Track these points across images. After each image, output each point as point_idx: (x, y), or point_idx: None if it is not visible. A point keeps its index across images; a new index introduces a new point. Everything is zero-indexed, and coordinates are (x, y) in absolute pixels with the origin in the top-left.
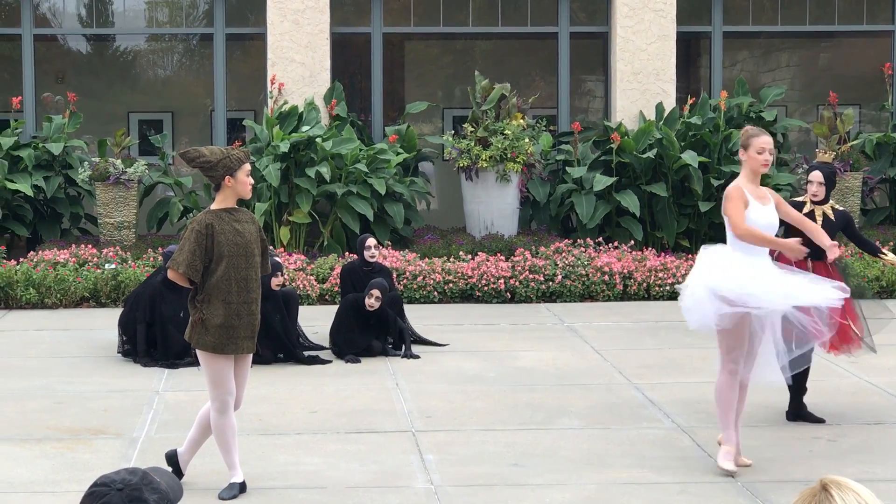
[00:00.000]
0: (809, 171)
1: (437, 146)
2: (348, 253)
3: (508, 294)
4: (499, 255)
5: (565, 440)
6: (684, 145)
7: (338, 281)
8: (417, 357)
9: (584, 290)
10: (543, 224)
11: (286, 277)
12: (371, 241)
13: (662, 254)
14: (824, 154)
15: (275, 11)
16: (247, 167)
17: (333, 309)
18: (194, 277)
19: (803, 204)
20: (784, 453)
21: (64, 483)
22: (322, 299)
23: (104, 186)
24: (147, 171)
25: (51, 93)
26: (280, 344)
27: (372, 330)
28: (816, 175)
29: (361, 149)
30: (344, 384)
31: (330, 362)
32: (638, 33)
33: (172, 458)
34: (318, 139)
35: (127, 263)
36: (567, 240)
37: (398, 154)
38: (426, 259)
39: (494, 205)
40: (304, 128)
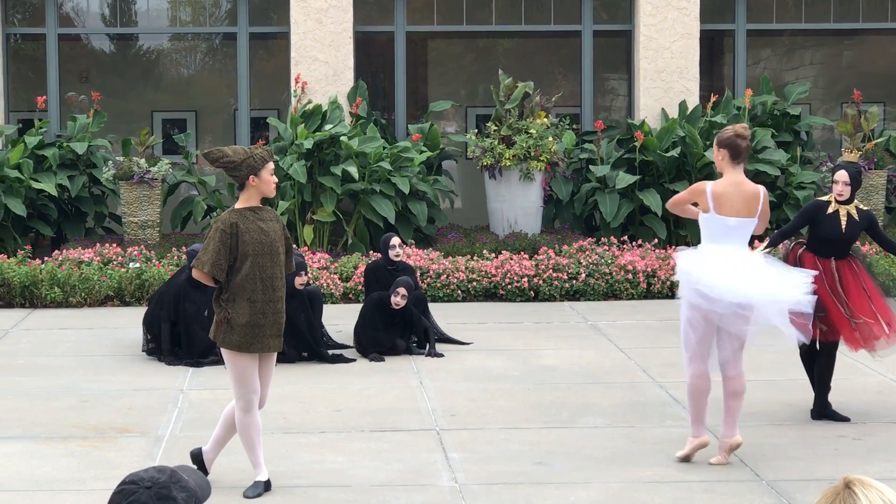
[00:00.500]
0: (835, 171)
1: (461, 145)
2: (372, 252)
3: (532, 293)
4: (522, 254)
5: (589, 438)
6: (708, 143)
7: (362, 280)
8: (441, 356)
9: (608, 289)
10: (567, 222)
11: (310, 276)
12: (395, 240)
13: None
14: (850, 153)
15: (298, 10)
16: (270, 166)
17: (357, 308)
18: (219, 276)
19: (828, 203)
20: (809, 452)
21: (89, 481)
22: (346, 298)
23: (128, 185)
24: (171, 170)
25: (75, 92)
26: (304, 343)
27: (396, 328)
28: (842, 175)
29: (385, 147)
30: (368, 383)
31: (354, 361)
32: (661, 31)
33: (197, 457)
34: (343, 138)
35: (151, 262)
36: (590, 238)
37: (422, 153)
38: (450, 258)
39: (518, 203)
40: (328, 126)
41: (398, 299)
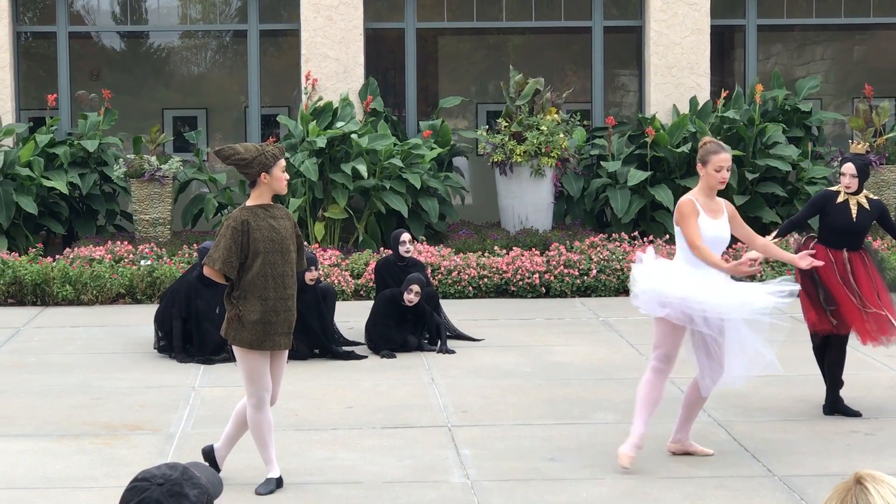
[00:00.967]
0: (842, 163)
1: (472, 141)
2: (383, 248)
3: (543, 289)
4: (533, 250)
5: (601, 434)
6: (719, 139)
7: (373, 276)
8: (453, 352)
9: (619, 285)
10: (578, 219)
11: (321, 272)
12: (405, 236)
13: None
14: (857, 145)
15: (308, 7)
16: (282, 163)
17: (368, 304)
18: (230, 274)
19: (838, 193)
20: (821, 447)
21: (101, 479)
22: (357, 295)
23: (139, 183)
24: (182, 168)
25: (85, 90)
26: (316, 339)
27: (408, 325)
28: (849, 167)
29: (396, 144)
30: (379, 379)
31: (366, 358)
32: (672, 27)
33: (209, 454)
34: (354, 135)
35: (162, 260)
36: (602, 234)
37: (432, 149)
38: (461, 254)
39: (529, 199)
40: (339, 123)
41: (412, 296)
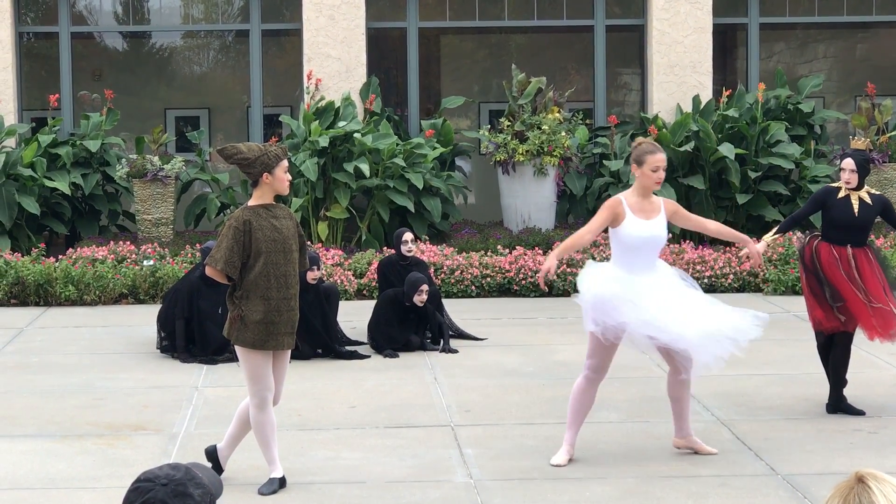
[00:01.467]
0: (842, 159)
1: (474, 140)
2: (386, 248)
3: (546, 288)
4: (536, 249)
5: (604, 434)
6: (721, 138)
7: (375, 276)
8: (456, 351)
9: None
10: (580, 217)
11: (324, 272)
12: (408, 235)
13: (700, 247)
14: (858, 141)
15: (310, 7)
16: (284, 163)
17: (371, 304)
18: (232, 274)
19: (839, 189)
20: (824, 446)
21: (104, 479)
22: (360, 294)
23: (142, 183)
24: (184, 168)
25: (88, 90)
26: (319, 339)
27: (411, 324)
28: (848, 163)
29: (398, 143)
30: (383, 379)
31: (368, 357)
32: (674, 26)
33: (212, 454)
34: (356, 134)
35: (165, 260)
36: (605, 233)
37: (435, 148)
38: (463, 253)
39: (531, 199)
40: (341, 123)
41: (423, 297)
